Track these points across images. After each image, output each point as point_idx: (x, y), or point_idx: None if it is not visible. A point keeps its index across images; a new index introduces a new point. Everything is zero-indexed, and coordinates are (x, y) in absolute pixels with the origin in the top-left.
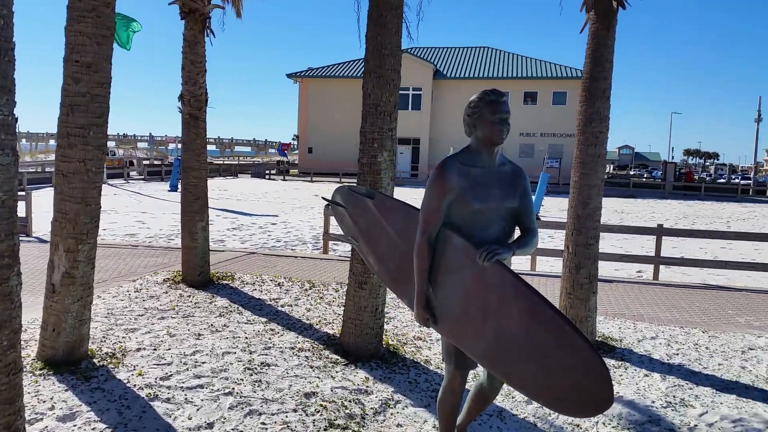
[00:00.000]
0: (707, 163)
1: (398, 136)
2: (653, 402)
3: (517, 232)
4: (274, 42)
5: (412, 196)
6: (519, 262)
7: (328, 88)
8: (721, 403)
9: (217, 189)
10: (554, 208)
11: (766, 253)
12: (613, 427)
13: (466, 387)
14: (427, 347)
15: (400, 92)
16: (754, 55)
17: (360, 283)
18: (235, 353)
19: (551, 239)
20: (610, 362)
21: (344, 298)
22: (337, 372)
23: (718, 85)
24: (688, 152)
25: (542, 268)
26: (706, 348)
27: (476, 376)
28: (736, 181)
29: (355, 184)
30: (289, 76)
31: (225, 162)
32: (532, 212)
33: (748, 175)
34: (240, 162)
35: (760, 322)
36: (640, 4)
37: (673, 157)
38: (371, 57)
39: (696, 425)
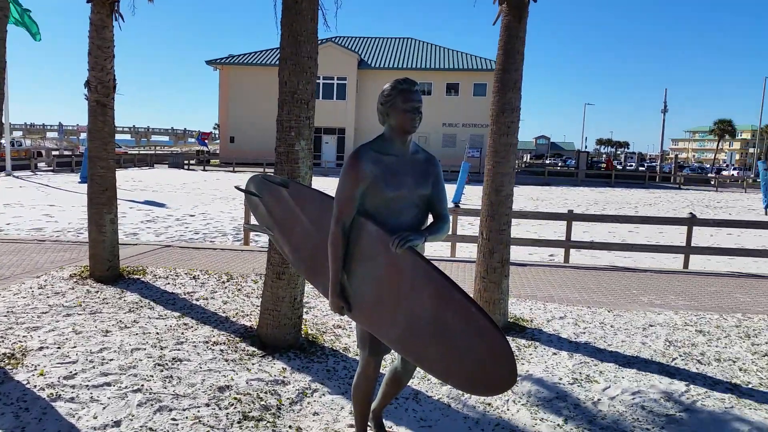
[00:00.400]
0: (618, 152)
1: (324, 125)
2: (561, 379)
3: (430, 219)
4: (193, 28)
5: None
6: (440, 249)
7: (250, 75)
8: (623, 377)
9: (131, 180)
10: (475, 196)
11: (669, 236)
12: (522, 404)
13: (382, 372)
14: (347, 335)
15: (325, 81)
16: (660, 49)
17: (278, 274)
18: (145, 349)
19: (471, 226)
20: (520, 342)
21: (262, 289)
22: (253, 364)
23: (628, 78)
24: (600, 141)
25: (462, 254)
26: (611, 326)
27: (393, 361)
28: (644, 168)
29: (271, 174)
30: (208, 62)
31: (141, 152)
32: (444, 199)
33: (654, 163)
34: (157, 152)
35: (662, 301)
36: None
37: (586, 147)
38: (287, 44)
39: (599, 399)
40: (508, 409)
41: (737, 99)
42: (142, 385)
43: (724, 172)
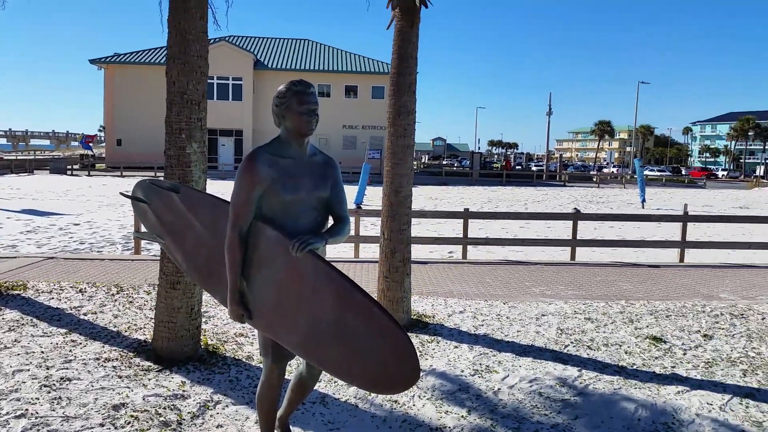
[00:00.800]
0: (508, 152)
1: (220, 127)
2: (462, 371)
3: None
4: (76, 25)
5: None
6: (343, 250)
7: (138, 75)
8: (520, 366)
9: (8, 188)
10: (377, 197)
11: (557, 230)
12: (427, 399)
13: (287, 378)
14: (249, 343)
15: (220, 82)
16: (545, 54)
17: (173, 283)
18: (28, 370)
19: (374, 226)
20: (423, 338)
21: (156, 300)
22: (149, 380)
23: (516, 82)
24: (492, 143)
25: (365, 255)
26: (507, 317)
27: (298, 366)
28: (533, 167)
29: (161, 178)
30: (92, 61)
31: (18, 157)
32: (343, 201)
33: (541, 163)
34: (37, 157)
35: (552, 291)
36: (444, 2)
37: (479, 148)
38: (174, 43)
39: (499, 388)
40: (414, 405)
41: (615, 101)
42: (27, 410)
43: (605, 170)
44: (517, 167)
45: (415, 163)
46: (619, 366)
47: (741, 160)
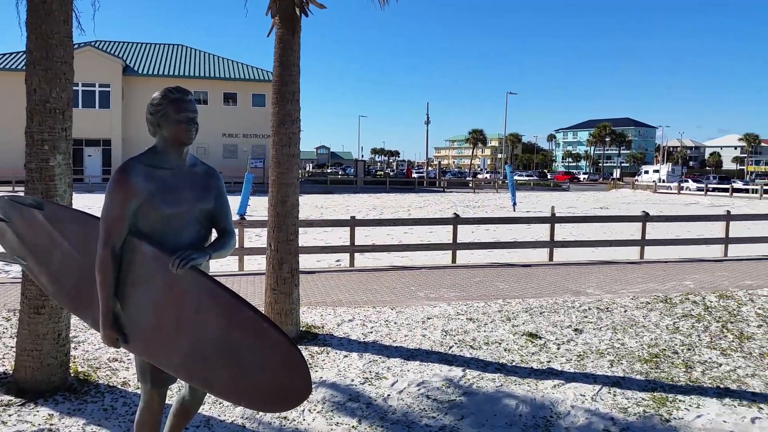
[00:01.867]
0: (390, 160)
1: (85, 136)
2: (353, 380)
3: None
4: None
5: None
6: (227, 264)
7: None
8: (409, 370)
9: None
10: (261, 207)
11: (439, 235)
12: (318, 412)
13: (167, 403)
14: (125, 368)
15: (85, 89)
16: (421, 63)
17: (36, 308)
18: None
19: (259, 238)
20: (313, 349)
21: (17, 327)
22: (10, 416)
23: (396, 91)
24: (375, 151)
25: (251, 267)
26: (395, 323)
27: (180, 390)
28: (414, 175)
29: (21, 194)
30: None
31: None
32: (228, 213)
33: (422, 170)
34: None
35: (436, 294)
36: (327, 12)
37: (362, 156)
38: (35, 47)
39: (389, 395)
40: (304, 420)
41: (487, 111)
42: None
43: (480, 176)
44: (417, 175)
45: (299, 171)
46: (499, 363)
47: (600, 164)
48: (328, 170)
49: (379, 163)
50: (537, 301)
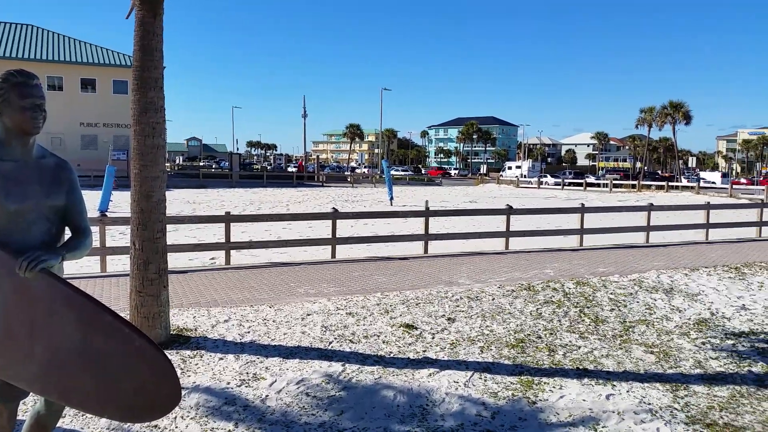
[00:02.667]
0: (267, 154)
1: None
2: (229, 383)
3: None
4: None
5: None
6: (87, 264)
7: None
8: (288, 369)
9: None
10: (124, 202)
11: (318, 230)
12: (191, 418)
13: (19, 418)
14: None
15: None
16: (301, 58)
17: None
18: None
19: (123, 236)
20: (185, 353)
21: None
22: None
23: (273, 83)
24: (250, 144)
25: (114, 268)
26: (273, 321)
27: (34, 404)
28: (292, 169)
29: None
30: None
31: None
32: (83, 210)
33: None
34: None
35: (316, 290)
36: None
37: (238, 149)
38: None
39: (267, 395)
40: (176, 427)
41: (365, 106)
42: None
43: (358, 170)
44: (330, 171)
45: (168, 164)
46: (378, 356)
47: (468, 160)
48: (201, 163)
49: (255, 157)
50: (413, 292)
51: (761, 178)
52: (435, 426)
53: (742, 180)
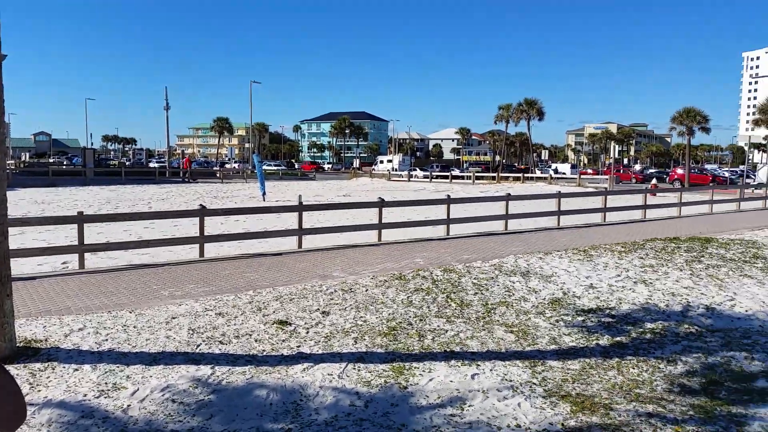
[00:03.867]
0: (126, 148)
1: None
2: (86, 395)
3: None
4: None
5: None
6: None
7: None
8: (152, 376)
9: None
10: None
11: (185, 228)
12: None
13: None
14: None
15: None
16: (160, 48)
17: None
18: None
19: None
20: (35, 367)
21: None
22: None
23: (131, 73)
24: (107, 138)
25: None
26: (135, 327)
27: None
28: (154, 164)
29: None
30: None
31: None
32: None
33: (163, 159)
34: None
35: (182, 291)
36: None
37: (92, 144)
38: None
39: (129, 405)
40: None
41: (234, 99)
42: None
43: (227, 165)
44: (197, 166)
45: (11, 161)
46: (250, 355)
47: (342, 154)
48: (51, 160)
49: (112, 152)
50: (287, 288)
51: (605, 169)
52: (309, 420)
53: (589, 171)
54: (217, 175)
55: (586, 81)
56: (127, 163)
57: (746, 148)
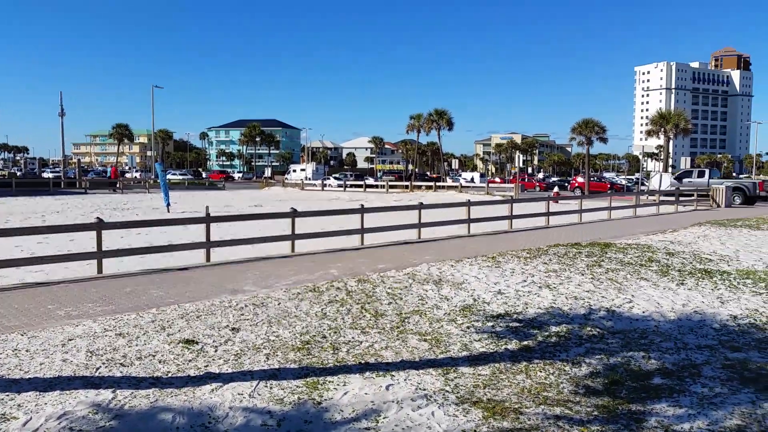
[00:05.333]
0: (17, 158)
1: None
2: None
3: None
4: None
5: None
6: None
7: None
8: (46, 403)
9: None
10: None
11: (82, 243)
12: None
13: None
14: None
15: None
16: (53, 52)
17: None
18: None
19: None
20: None
21: None
22: None
23: (22, 80)
24: None
25: None
26: (27, 350)
27: None
28: (48, 174)
29: None
30: None
31: None
32: None
33: (58, 169)
34: None
35: (79, 311)
36: None
37: None
38: None
39: None
40: None
41: (135, 105)
42: None
43: (128, 175)
44: (127, 174)
45: None
46: (154, 377)
47: (253, 163)
48: None
49: (2, 161)
50: (194, 305)
51: (511, 178)
52: None
53: (497, 179)
54: (117, 185)
55: (493, 92)
56: (19, 174)
57: (641, 157)
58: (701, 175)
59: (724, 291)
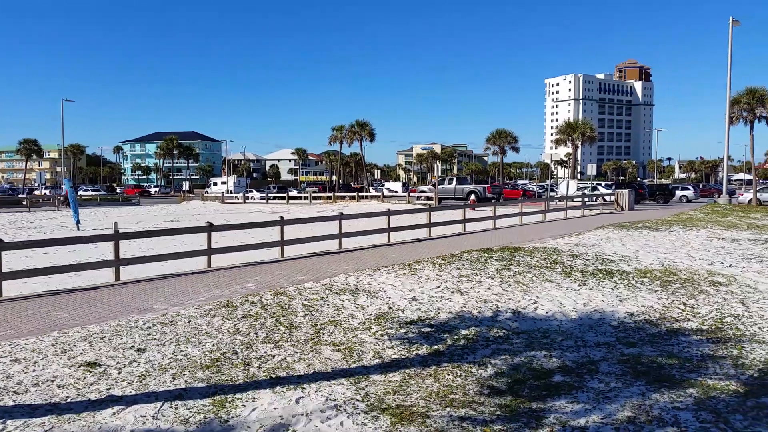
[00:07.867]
0: None
1: None
2: None
3: None
4: None
5: None
6: None
7: None
8: None
9: None
10: None
11: None
12: None
13: None
14: None
15: None
16: None
17: None
18: None
19: None
20: None
21: None
22: None
23: None
24: None
25: None
26: None
27: None
28: None
29: None
30: None
31: None
32: None
33: None
34: None
35: None
36: None
37: None
38: None
39: None
40: None
41: (43, 119)
42: None
43: (37, 192)
44: (35, 191)
45: None
46: (51, 404)
47: (170, 177)
48: None
49: None
50: (98, 326)
51: (429, 186)
52: None
53: (419, 188)
54: (24, 203)
55: (414, 104)
56: None
57: (551, 165)
58: (451, 182)
59: (623, 290)
